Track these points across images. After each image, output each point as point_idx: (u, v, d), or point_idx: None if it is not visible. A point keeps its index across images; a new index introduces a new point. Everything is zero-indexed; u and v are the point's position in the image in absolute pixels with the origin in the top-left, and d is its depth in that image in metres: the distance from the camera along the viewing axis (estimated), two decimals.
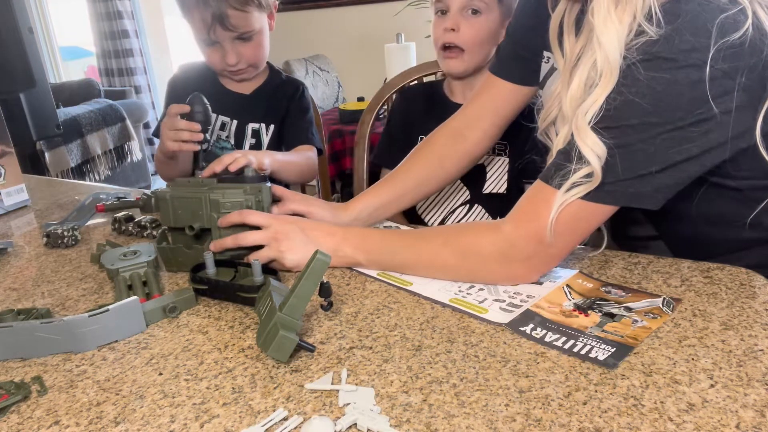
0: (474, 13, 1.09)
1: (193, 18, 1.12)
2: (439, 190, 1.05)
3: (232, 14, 1.09)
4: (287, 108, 1.29)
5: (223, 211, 0.82)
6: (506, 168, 1.15)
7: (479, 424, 0.49)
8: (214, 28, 1.10)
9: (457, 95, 1.21)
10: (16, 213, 1.20)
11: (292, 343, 0.59)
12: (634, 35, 0.62)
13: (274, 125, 1.28)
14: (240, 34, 1.14)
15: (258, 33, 1.17)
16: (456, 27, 1.09)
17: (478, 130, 0.97)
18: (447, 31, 1.10)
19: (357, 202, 0.95)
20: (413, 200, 1.00)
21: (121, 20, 4.42)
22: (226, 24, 1.10)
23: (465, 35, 1.09)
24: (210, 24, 1.10)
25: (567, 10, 0.78)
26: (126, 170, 3.67)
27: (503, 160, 1.15)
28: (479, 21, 1.09)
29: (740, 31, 0.58)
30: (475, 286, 0.74)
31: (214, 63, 1.20)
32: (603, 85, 0.64)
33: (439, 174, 0.99)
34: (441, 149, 0.98)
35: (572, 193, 0.66)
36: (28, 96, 1.89)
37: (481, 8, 1.08)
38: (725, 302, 0.65)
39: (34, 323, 0.64)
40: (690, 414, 0.49)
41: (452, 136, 0.98)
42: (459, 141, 0.98)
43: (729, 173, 0.70)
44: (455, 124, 0.98)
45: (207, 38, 1.14)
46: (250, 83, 1.29)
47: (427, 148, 0.99)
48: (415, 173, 0.98)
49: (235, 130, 1.27)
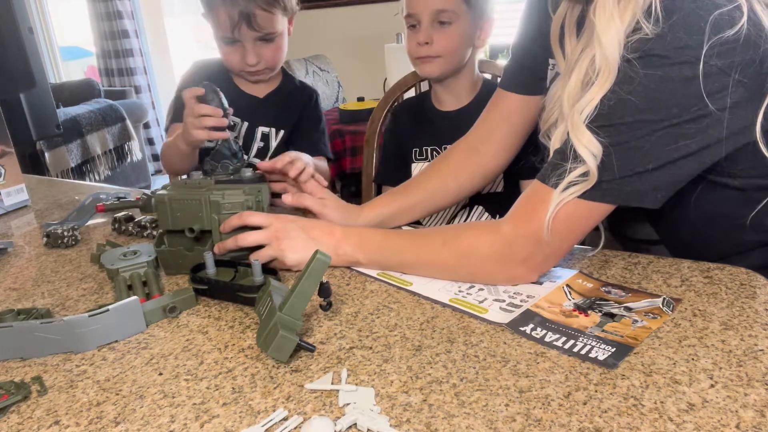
0: (443, 24, 1.10)
1: (219, 15, 1.12)
2: (451, 204, 1.05)
3: (259, 14, 1.10)
4: (300, 116, 1.29)
5: (224, 212, 0.82)
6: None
7: (479, 424, 0.49)
8: (240, 26, 1.11)
9: (444, 103, 1.22)
10: (16, 213, 1.20)
11: (292, 343, 0.59)
12: (630, 32, 0.62)
13: (284, 131, 1.29)
14: (264, 35, 1.15)
15: (279, 35, 1.18)
16: (429, 40, 1.11)
17: (492, 143, 0.97)
18: (420, 45, 1.12)
19: (371, 208, 0.96)
20: (425, 211, 1.01)
21: (121, 20, 4.43)
22: (252, 23, 1.11)
23: (438, 46, 1.11)
24: (237, 22, 1.10)
25: (568, 11, 0.78)
26: (126, 170, 3.67)
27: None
28: (450, 30, 1.10)
29: (735, 27, 0.58)
30: (475, 286, 0.74)
31: (233, 62, 1.20)
32: (600, 84, 0.64)
33: (452, 187, 0.99)
34: (455, 163, 0.99)
35: (569, 192, 0.66)
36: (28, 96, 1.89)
37: (450, 18, 1.09)
38: (725, 302, 0.65)
39: (34, 323, 0.64)
40: (690, 414, 0.49)
41: (467, 150, 0.99)
42: (473, 155, 0.98)
43: (729, 172, 0.70)
44: (470, 139, 0.99)
45: (230, 37, 1.14)
46: (263, 86, 1.29)
47: (442, 161, 1.01)
48: (429, 185, 0.99)
49: (245, 132, 1.27)
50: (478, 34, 1.14)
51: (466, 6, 1.09)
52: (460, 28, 1.10)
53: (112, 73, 4.57)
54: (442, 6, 1.08)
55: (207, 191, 0.82)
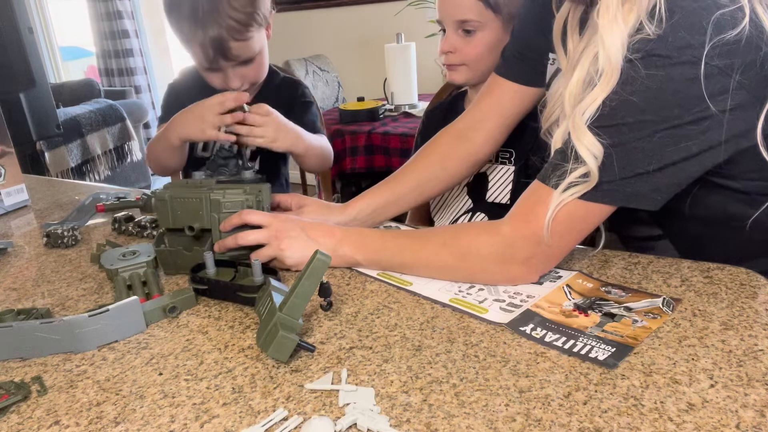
0: (468, 32, 1.08)
1: (193, 49, 1.09)
2: (441, 192, 1.04)
3: (234, 46, 1.07)
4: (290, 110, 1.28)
5: (224, 211, 0.82)
6: (510, 177, 1.13)
7: (479, 424, 0.49)
8: (217, 60, 1.08)
9: None
10: (16, 213, 1.20)
11: (292, 343, 0.59)
12: (633, 33, 0.62)
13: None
14: (242, 61, 1.12)
15: (259, 54, 1.15)
16: (452, 49, 1.09)
17: (483, 131, 0.96)
18: (444, 53, 1.10)
19: (356, 202, 0.95)
20: (414, 201, 0.99)
21: (121, 20, 4.42)
22: (228, 55, 1.08)
23: (462, 54, 1.09)
24: (212, 57, 1.07)
25: (571, 11, 0.78)
26: (126, 170, 3.67)
27: (507, 168, 1.14)
28: (475, 39, 1.07)
29: (737, 28, 0.58)
30: (475, 286, 0.74)
31: (216, 85, 1.18)
32: (603, 86, 0.63)
33: (441, 175, 0.98)
34: (444, 150, 0.98)
35: (569, 192, 0.65)
36: (28, 96, 1.89)
37: (474, 27, 1.06)
38: (725, 302, 0.65)
39: (34, 323, 0.64)
40: (690, 414, 0.49)
41: (456, 137, 0.97)
42: (463, 142, 0.97)
43: (730, 174, 0.70)
44: (460, 126, 0.98)
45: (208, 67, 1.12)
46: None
47: (429, 149, 0.99)
48: (416, 174, 0.97)
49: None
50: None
51: (492, 13, 1.05)
52: (487, 36, 1.07)
53: (112, 73, 4.57)
54: (464, 16, 1.05)
55: (207, 190, 0.82)
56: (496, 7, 1.03)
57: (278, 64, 1.60)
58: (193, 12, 1.03)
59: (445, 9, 1.08)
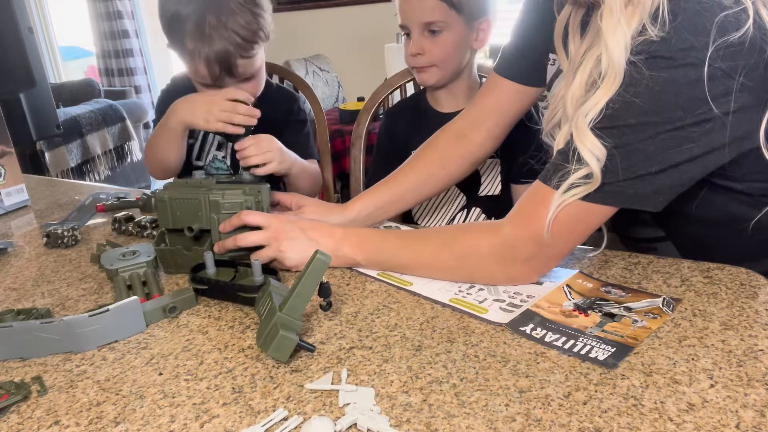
0: (434, 33, 1.09)
1: (196, 65, 1.06)
2: (440, 191, 1.04)
3: (240, 63, 1.05)
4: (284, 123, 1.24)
5: (223, 212, 0.82)
6: (498, 169, 1.16)
7: (479, 424, 0.49)
8: (222, 77, 1.05)
9: (443, 104, 1.20)
10: (16, 213, 1.20)
11: (292, 343, 0.59)
12: (636, 35, 0.62)
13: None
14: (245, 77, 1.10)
15: (260, 69, 1.13)
16: (420, 50, 1.10)
17: (482, 130, 0.96)
18: (413, 55, 1.11)
19: (355, 203, 0.94)
20: (414, 201, 0.99)
21: (121, 20, 4.43)
22: (234, 73, 1.05)
23: (431, 55, 1.10)
24: (218, 73, 1.05)
25: (572, 13, 0.77)
26: (126, 170, 3.67)
27: (494, 161, 1.15)
28: (441, 39, 1.09)
29: (741, 30, 0.58)
30: (475, 286, 0.74)
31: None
32: (605, 88, 0.63)
33: (440, 175, 0.98)
34: (443, 150, 0.97)
35: (570, 193, 0.65)
36: (28, 96, 1.89)
37: (439, 27, 1.08)
38: (725, 302, 0.65)
39: (34, 323, 0.64)
40: (690, 414, 0.49)
41: (455, 137, 0.97)
42: (462, 142, 0.97)
43: (735, 176, 0.69)
44: (458, 125, 0.97)
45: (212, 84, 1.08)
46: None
47: (428, 149, 0.99)
48: (415, 174, 0.97)
49: (231, 150, 1.21)
50: (475, 36, 1.12)
51: (456, 13, 1.07)
52: (452, 36, 1.09)
53: (112, 73, 4.57)
54: (430, 18, 1.07)
55: (207, 191, 0.82)
56: (459, 7, 1.07)
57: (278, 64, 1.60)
58: (198, 28, 1.01)
59: (409, 12, 1.10)
